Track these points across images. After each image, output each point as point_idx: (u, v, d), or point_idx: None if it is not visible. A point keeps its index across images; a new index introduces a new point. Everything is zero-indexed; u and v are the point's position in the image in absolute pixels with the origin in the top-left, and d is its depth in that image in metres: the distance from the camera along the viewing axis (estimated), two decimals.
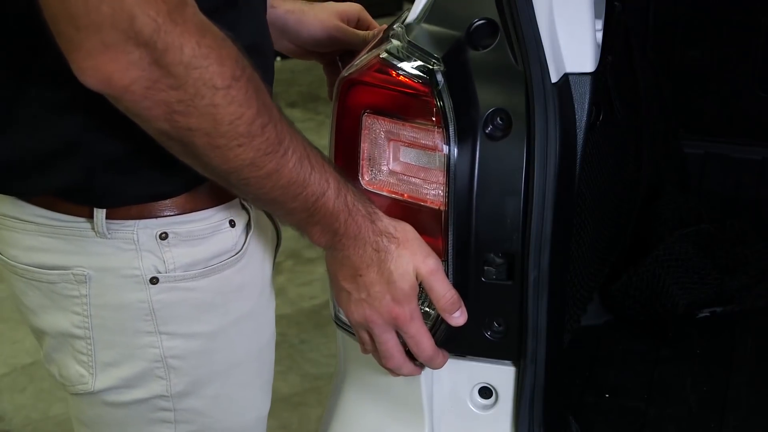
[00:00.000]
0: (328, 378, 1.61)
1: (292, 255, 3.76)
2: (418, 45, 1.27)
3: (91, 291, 1.18)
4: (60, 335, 1.22)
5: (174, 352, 1.21)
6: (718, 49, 2.40)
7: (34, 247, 1.19)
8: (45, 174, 1.14)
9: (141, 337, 1.20)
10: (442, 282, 1.23)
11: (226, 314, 1.24)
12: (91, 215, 1.15)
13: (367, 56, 1.30)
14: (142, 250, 1.17)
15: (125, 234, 1.16)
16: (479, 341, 1.32)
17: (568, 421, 1.48)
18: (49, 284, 1.19)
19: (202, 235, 1.19)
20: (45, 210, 1.17)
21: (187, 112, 0.98)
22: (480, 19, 1.27)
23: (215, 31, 0.99)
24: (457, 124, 1.23)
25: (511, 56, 1.25)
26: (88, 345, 1.21)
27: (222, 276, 1.21)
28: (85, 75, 0.96)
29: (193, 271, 1.19)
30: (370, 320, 1.21)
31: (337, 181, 1.14)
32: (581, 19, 1.31)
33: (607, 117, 1.64)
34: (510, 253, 1.26)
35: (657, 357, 1.87)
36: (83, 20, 0.92)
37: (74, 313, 1.19)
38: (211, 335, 1.23)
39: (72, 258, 1.17)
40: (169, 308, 1.19)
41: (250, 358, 1.30)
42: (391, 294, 1.19)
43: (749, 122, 2.41)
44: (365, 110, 1.27)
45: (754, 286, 2.04)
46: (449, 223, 1.26)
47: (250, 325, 1.28)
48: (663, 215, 2.17)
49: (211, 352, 1.24)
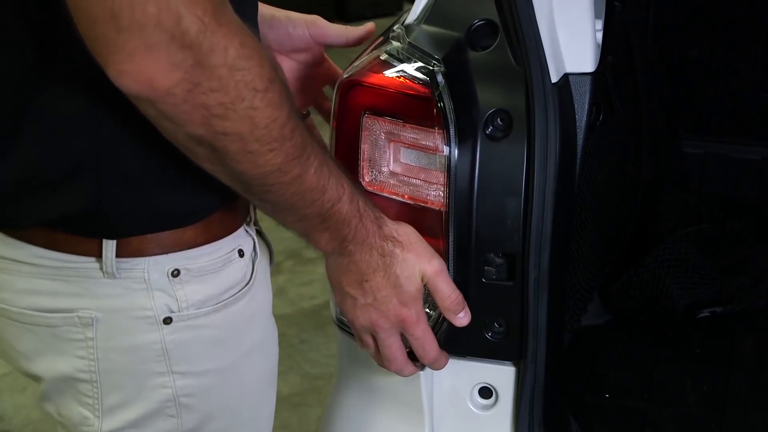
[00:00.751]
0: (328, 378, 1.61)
1: (292, 255, 3.76)
2: (419, 46, 1.27)
3: (98, 334, 1.12)
4: (59, 380, 1.16)
5: (186, 390, 1.17)
6: (718, 49, 2.40)
7: (32, 290, 1.12)
8: (52, 197, 1.08)
9: (152, 378, 1.15)
10: (446, 283, 1.22)
11: (239, 347, 1.20)
12: (98, 254, 1.10)
13: (367, 57, 1.30)
14: (154, 289, 1.12)
15: (135, 273, 1.11)
16: (480, 342, 1.32)
17: (568, 421, 1.48)
18: (49, 328, 1.13)
19: (213, 269, 1.15)
20: (44, 250, 1.11)
21: (225, 116, 0.95)
22: (480, 20, 1.27)
23: (252, 31, 0.97)
24: (458, 125, 1.23)
25: (512, 57, 1.25)
26: (94, 388, 1.15)
27: (234, 309, 1.18)
28: (124, 78, 0.92)
29: (206, 308, 1.15)
30: (377, 324, 1.21)
31: (351, 186, 1.12)
32: (581, 19, 1.31)
33: (607, 117, 1.64)
34: (510, 253, 1.26)
35: (657, 357, 1.86)
36: (126, 20, 0.89)
37: (78, 357, 1.14)
38: (223, 370, 1.19)
39: (76, 300, 1.11)
40: (182, 347, 1.15)
41: (260, 387, 1.27)
42: (398, 297, 1.19)
43: (749, 122, 2.41)
44: (365, 111, 1.27)
45: (754, 286, 2.04)
46: (450, 224, 1.26)
47: (260, 355, 1.25)
48: (663, 215, 2.17)
49: (223, 387, 1.20)
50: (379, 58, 1.28)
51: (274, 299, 1.33)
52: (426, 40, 1.28)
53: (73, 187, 1.07)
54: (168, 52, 0.90)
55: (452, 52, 1.26)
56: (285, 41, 1.42)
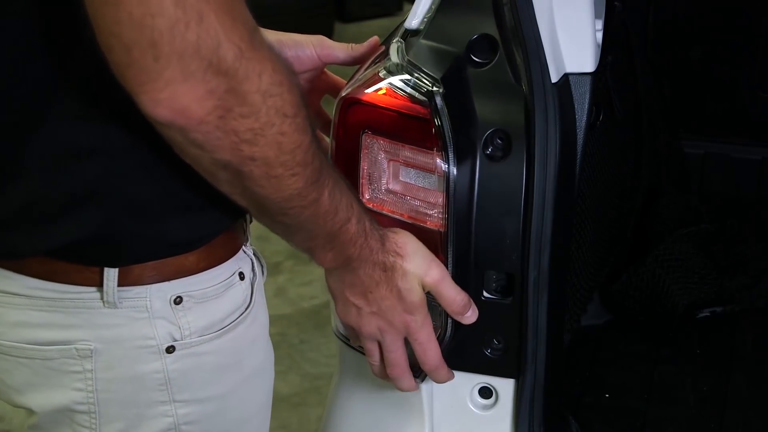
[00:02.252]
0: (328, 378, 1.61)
1: (292, 255, 3.76)
2: (417, 65, 1.27)
3: (98, 365, 1.09)
4: (55, 412, 1.13)
5: (188, 418, 1.14)
6: (718, 49, 2.40)
7: (25, 323, 1.09)
8: (56, 225, 1.05)
9: (154, 407, 1.12)
10: (449, 288, 1.22)
11: (240, 372, 1.19)
12: (99, 283, 1.07)
13: (366, 73, 1.30)
14: (156, 317, 1.09)
15: (137, 302, 1.08)
16: (479, 358, 1.32)
17: (568, 421, 1.48)
18: (44, 360, 1.10)
19: (215, 294, 1.13)
20: (39, 281, 1.07)
21: (254, 141, 0.94)
22: (479, 35, 1.26)
23: (281, 55, 0.96)
24: (456, 146, 1.23)
25: (511, 74, 1.24)
26: (92, 419, 1.12)
27: (236, 334, 1.16)
28: (159, 107, 0.90)
29: (208, 334, 1.13)
30: (384, 330, 1.21)
31: (359, 206, 1.12)
32: (581, 19, 1.31)
33: (607, 117, 1.64)
34: (509, 272, 1.27)
35: (657, 357, 1.87)
36: (165, 48, 0.87)
37: (75, 389, 1.10)
38: (225, 395, 1.17)
39: (74, 332, 1.08)
40: (184, 376, 1.12)
41: (259, 410, 1.26)
42: (402, 306, 1.19)
43: (749, 122, 2.41)
44: (365, 129, 1.27)
45: (754, 286, 2.04)
46: (448, 243, 1.26)
47: (260, 378, 1.24)
48: (663, 215, 2.17)
49: (225, 412, 1.18)
50: (378, 75, 1.28)
51: (274, 299, 1.34)
52: (425, 57, 1.27)
53: (79, 214, 1.04)
54: (204, 79, 0.89)
55: (451, 69, 1.25)
56: (295, 64, 1.41)
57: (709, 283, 2.00)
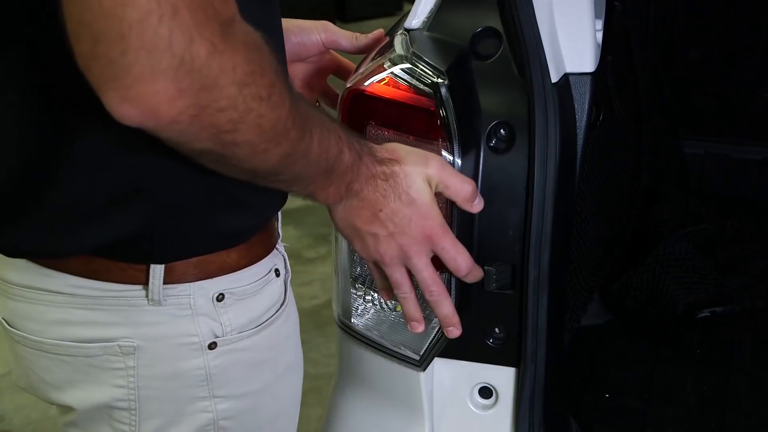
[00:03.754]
0: (328, 378, 1.61)
1: (292, 255, 3.74)
2: (422, 56, 1.27)
3: (140, 362, 1.09)
4: (94, 408, 1.13)
5: (227, 414, 1.15)
6: (718, 49, 2.40)
7: (67, 321, 1.09)
8: (101, 223, 1.04)
9: (194, 403, 1.13)
10: (454, 176, 1.18)
11: (276, 368, 1.20)
12: (144, 281, 1.07)
13: (371, 65, 1.30)
14: (198, 314, 1.10)
15: (181, 299, 1.08)
16: (481, 347, 1.32)
17: (568, 421, 1.48)
18: (86, 358, 1.10)
19: (254, 291, 1.14)
20: (82, 279, 1.07)
21: (235, 129, 0.92)
22: (483, 28, 1.27)
23: (256, 38, 0.93)
24: (461, 138, 1.23)
25: (515, 66, 1.25)
26: (131, 416, 1.12)
27: (272, 330, 1.17)
28: (126, 106, 0.86)
29: (248, 331, 1.14)
30: (407, 248, 1.16)
31: (346, 134, 1.09)
32: (581, 19, 1.31)
33: (607, 117, 1.64)
34: (511, 263, 1.27)
35: (657, 357, 1.87)
36: (134, 42, 0.82)
37: (116, 386, 1.11)
38: (260, 391, 1.18)
39: (117, 329, 1.08)
40: (225, 371, 1.13)
41: (291, 406, 1.27)
42: (416, 213, 1.15)
43: (749, 122, 2.42)
44: (369, 121, 1.27)
45: (754, 286, 2.04)
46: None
47: (293, 375, 1.25)
48: (663, 215, 2.17)
49: (260, 407, 1.19)
50: (382, 67, 1.29)
51: None
52: (429, 49, 1.28)
53: (123, 212, 1.04)
54: (176, 78, 0.85)
55: (455, 62, 1.26)
56: (301, 51, 1.41)
57: (709, 283, 2.01)
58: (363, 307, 1.40)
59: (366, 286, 1.39)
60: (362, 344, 1.41)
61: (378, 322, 1.39)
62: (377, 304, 1.38)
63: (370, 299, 1.38)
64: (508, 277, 1.28)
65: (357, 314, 1.40)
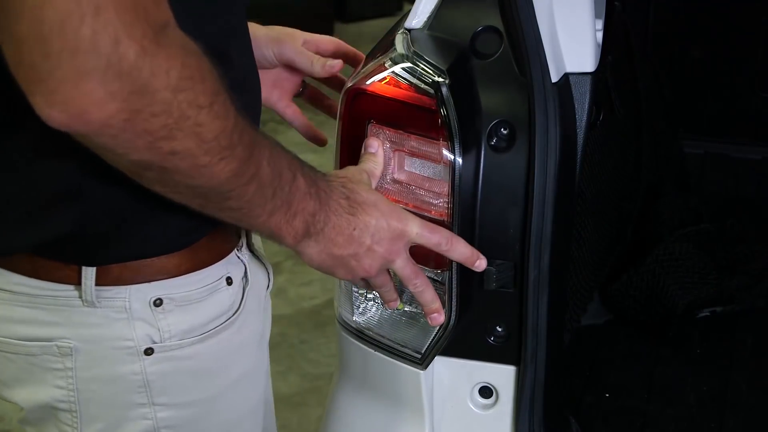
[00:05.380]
0: (328, 378, 1.60)
1: (292, 255, 3.74)
2: (423, 55, 1.27)
3: (78, 364, 1.09)
4: (39, 408, 1.13)
5: (168, 422, 1.13)
6: (718, 49, 2.40)
7: (10, 318, 1.09)
8: (36, 222, 1.04)
9: (133, 409, 1.12)
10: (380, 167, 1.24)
11: (226, 377, 1.17)
12: (78, 281, 1.06)
13: (373, 64, 1.30)
14: (135, 318, 1.08)
15: (116, 302, 1.07)
16: (482, 345, 1.32)
17: (568, 421, 1.48)
18: (28, 356, 1.10)
19: (198, 298, 1.11)
20: (24, 277, 1.07)
21: (171, 136, 0.89)
22: (484, 27, 1.27)
23: (194, 46, 0.90)
24: (462, 136, 1.23)
25: (515, 65, 1.25)
26: (74, 418, 1.12)
27: (220, 339, 1.14)
28: (53, 109, 0.83)
29: (189, 338, 1.11)
30: (388, 253, 1.15)
31: (297, 160, 1.07)
32: (581, 19, 1.31)
33: (607, 117, 1.64)
34: (512, 261, 1.27)
35: (657, 357, 1.87)
36: (56, 43, 0.80)
37: (57, 387, 1.10)
38: (208, 401, 1.16)
39: (55, 329, 1.08)
40: (163, 379, 1.11)
41: (250, 414, 1.24)
42: (383, 215, 1.14)
43: (749, 122, 2.42)
44: (370, 119, 1.27)
45: (754, 285, 2.04)
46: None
47: (249, 382, 1.21)
48: (663, 215, 2.17)
49: (209, 417, 1.17)
50: (383, 66, 1.29)
51: (274, 299, 1.33)
52: (430, 48, 1.28)
53: (60, 212, 1.04)
54: (104, 80, 0.82)
55: (456, 61, 1.26)
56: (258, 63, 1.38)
57: (709, 283, 2.00)
58: (364, 305, 1.40)
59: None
60: (363, 343, 1.40)
61: (379, 320, 1.39)
62: (378, 302, 1.38)
63: (372, 297, 1.38)
64: (509, 275, 1.28)
65: (358, 313, 1.40)
